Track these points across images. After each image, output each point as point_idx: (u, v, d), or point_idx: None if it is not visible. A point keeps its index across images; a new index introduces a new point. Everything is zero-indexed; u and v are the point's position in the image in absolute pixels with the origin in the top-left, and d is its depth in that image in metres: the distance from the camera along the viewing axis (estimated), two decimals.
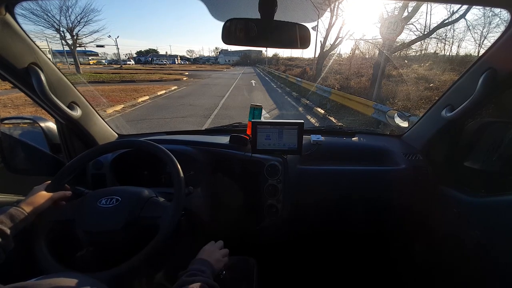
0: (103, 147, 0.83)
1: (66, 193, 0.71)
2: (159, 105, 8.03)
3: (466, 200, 0.99)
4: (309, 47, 0.81)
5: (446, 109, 1.01)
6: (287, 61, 39.29)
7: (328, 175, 1.18)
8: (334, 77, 12.20)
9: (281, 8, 0.69)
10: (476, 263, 0.96)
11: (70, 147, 1.06)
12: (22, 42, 0.74)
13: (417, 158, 1.18)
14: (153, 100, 8.97)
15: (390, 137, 1.42)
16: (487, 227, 0.90)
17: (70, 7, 20.42)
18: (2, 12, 0.66)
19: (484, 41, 13.25)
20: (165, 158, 0.77)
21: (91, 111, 1.08)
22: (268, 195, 1.14)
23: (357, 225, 1.30)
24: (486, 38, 13.14)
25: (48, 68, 0.83)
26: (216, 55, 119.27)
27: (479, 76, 0.83)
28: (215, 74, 26.45)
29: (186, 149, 1.12)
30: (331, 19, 12.36)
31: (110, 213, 0.66)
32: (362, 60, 14.69)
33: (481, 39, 13.38)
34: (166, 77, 18.40)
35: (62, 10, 18.06)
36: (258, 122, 1.10)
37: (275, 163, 1.12)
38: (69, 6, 18.33)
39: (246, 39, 0.74)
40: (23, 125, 1.13)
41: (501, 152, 0.96)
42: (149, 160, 1.10)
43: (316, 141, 1.25)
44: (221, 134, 1.34)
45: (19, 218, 0.57)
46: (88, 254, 0.72)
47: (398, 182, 1.16)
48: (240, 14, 0.73)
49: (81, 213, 0.67)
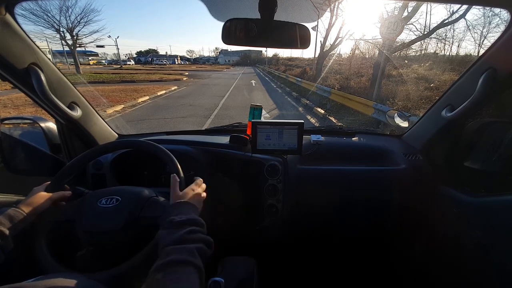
0: (103, 147, 0.83)
1: (66, 193, 0.70)
2: (159, 105, 8.04)
3: (466, 200, 0.99)
4: (309, 47, 0.81)
5: (446, 109, 1.01)
6: (287, 61, 39.31)
7: (328, 175, 1.18)
8: (334, 77, 12.20)
9: (281, 8, 0.69)
10: (476, 263, 0.95)
11: (70, 147, 1.06)
12: (22, 42, 0.74)
13: (417, 158, 1.18)
14: (153, 101, 8.98)
15: (390, 137, 1.42)
16: (487, 227, 0.90)
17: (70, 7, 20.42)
18: (2, 12, 0.66)
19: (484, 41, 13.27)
20: (165, 158, 0.77)
21: (91, 111, 1.08)
22: (268, 195, 1.14)
23: (357, 225, 1.30)
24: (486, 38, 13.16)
25: (48, 68, 0.83)
26: (216, 55, 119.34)
27: (479, 76, 0.83)
28: (215, 74, 26.47)
29: (186, 149, 1.12)
30: (331, 19, 12.40)
31: (110, 213, 0.66)
32: (362, 60, 14.72)
33: (481, 39, 13.40)
34: (166, 77, 18.42)
35: (62, 10, 18.10)
36: (258, 122, 1.10)
37: (275, 163, 1.12)
38: (69, 6, 18.35)
39: (246, 39, 0.74)
40: (23, 125, 1.13)
41: (501, 152, 0.96)
42: (149, 160, 1.10)
43: (316, 141, 1.25)
44: (221, 134, 1.34)
45: (18, 219, 0.57)
46: (88, 254, 0.72)
47: (398, 182, 1.16)
48: (240, 14, 0.73)
49: (81, 213, 0.66)
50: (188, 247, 0.49)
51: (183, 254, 0.47)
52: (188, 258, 0.46)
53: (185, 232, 0.52)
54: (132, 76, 17.91)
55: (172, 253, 0.47)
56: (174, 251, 0.48)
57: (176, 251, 0.47)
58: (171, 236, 0.52)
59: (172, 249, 0.48)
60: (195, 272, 0.45)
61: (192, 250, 0.49)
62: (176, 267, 0.45)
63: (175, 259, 0.45)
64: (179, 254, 0.47)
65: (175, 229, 0.53)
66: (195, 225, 0.56)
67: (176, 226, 0.54)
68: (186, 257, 0.46)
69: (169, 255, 0.46)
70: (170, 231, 0.53)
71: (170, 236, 0.52)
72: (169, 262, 0.45)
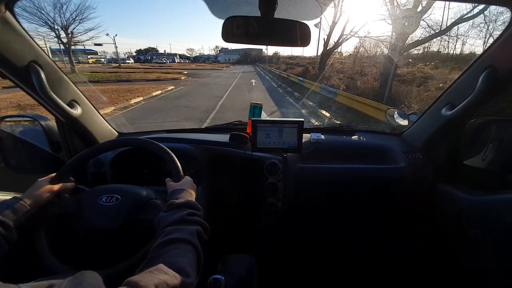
0: (103, 145, 0.83)
1: (68, 185, 0.71)
2: (152, 107, 7.75)
3: (465, 198, 1.00)
4: (310, 45, 0.81)
5: (446, 107, 1.01)
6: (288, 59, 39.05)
7: (328, 174, 1.18)
8: (337, 76, 11.85)
9: (281, 5, 0.69)
10: (475, 261, 0.96)
11: (70, 146, 1.06)
12: (22, 40, 0.74)
13: (417, 156, 1.19)
14: (147, 102, 8.67)
15: (390, 135, 1.42)
16: (486, 225, 0.91)
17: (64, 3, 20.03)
18: (1, 10, 0.65)
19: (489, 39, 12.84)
20: (165, 157, 0.77)
21: (91, 109, 1.08)
22: (268, 193, 1.14)
23: (357, 222, 1.30)
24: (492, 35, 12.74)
25: (48, 66, 0.83)
26: (216, 54, 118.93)
27: (479, 74, 0.82)
28: (214, 73, 26.07)
29: (186, 147, 1.12)
30: (335, 15, 11.94)
31: (109, 211, 0.66)
32: (365, 58, 14.20)
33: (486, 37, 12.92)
34: (163, 76, 17.96)
35: (56, 7, 17.81)
36: (258, 120, 1.10)
37: (275, 162, 1.12)
38: (63, 3, 18.02)
39: (246, 37, 0.74)
40: (23, 123, 1.13)
41: (501, 150, 0.96)
42: (149, 158, 1.10)
43: (316, 139, 1.26)
44: (221, 132, 1.34)
45: (22, 211, 0.58)
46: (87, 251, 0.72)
47: (398, 180, 1.16)
48: (240, 12, 0.73)
49: (82, 208, 0.67)
50: (188, 228, 0.52)
51: (183, 234, 0.50)
52: (188, 237, 0.49)
53: (185, 214, 0.55)
54: (128, 75, 17.33)
55: (173, 232, 0.50)
56: (175, 231, 0.50)
57: (177, 231, 0.50)
58: (172, 216, 0.55)
59: (173, 229, 0.51)
60: (194, 251, 0.48)
61: (192, 231, 0.52)
62: (177, 244, 0.47)
63: (176, 237, 0.48)
64: (179, 233, 0.49)
65: (174, 211, 0.57)
66: (193, 208, 0.59)
67: (176, 208, 0.57)
68: (186, 237, 0.49)
69: (170, 234, 0.49)
70: (170, 213, 0.56)
71: (170, 217, 0.55)
72: (170, 240, 0.48)
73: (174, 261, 0.43)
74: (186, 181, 0.71)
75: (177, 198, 0.62)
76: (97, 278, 0.35)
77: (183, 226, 0.52)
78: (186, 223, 0.54)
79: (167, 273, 0.40)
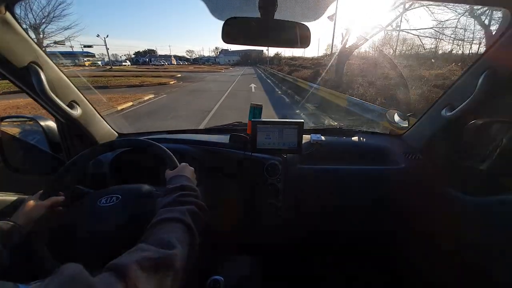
0: (103, 146, 0.83)
1: (58, 199, 0.69)
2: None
3: (465, 199, 1.00)
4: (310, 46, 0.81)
5: (446, 108, 1.02)
6: (290, 60, 38.34)
7: (328, 175, 1.18)
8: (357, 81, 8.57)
9: (281, 6, 0.69)
10: (476, 262, 0.96)
11: (70, 146, 1.06)
12: (22, 41, 0.74)
13: (417, 157, 1.19)
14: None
15: (390, 136, 1.42)
16: (486, 227, 0.91)
17: None
18: (2, 11, 0.65)
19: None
20: (155, 150, 0.77)
21: (91, 110, 1.08)
22: (268, 194, 1.14)
23: (357, 224, 1.30)
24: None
25: (48, 67, 0.83)
26: (216, 55, 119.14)
27: (479, 76, 0.83)
28: (210, 76, 23.76)
29: (186, 148, 1.12)
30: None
31: (110, 211, 0.66)
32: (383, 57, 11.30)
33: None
34: (149, 81, 15.21)
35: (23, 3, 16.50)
36: (258, 121, 1.10)
37: (275, 162, 1.12)
38: None
39: (246, 38, 0.74)
40: (23, 124, 1.13)
41: (501, 152, 0.96)
42: (150, 159, 1.10)
43: (316, 140, 1.25)
44: (221, 133, 1.34)
45: (11, 231, 0.56)
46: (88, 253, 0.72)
47: (398, 181, 1.16)
48: (240, 13, 0.73)
49: (82, 217, 0.66)
50: (179, 208, 0.54)
51: (173, 214, 0.51)
52: (177, 216, 0.51)
53: (176, 196, 0.58)
54: (108, 81, 14.47)
55: (164, 213, 0.52)
56: (165, 212, 0.52)
57: (167, 212, 0.52)
58: (165, 199, 0.57)
59: (164, 210, 0.53)
60: (184, 227, 0.49)
61: (183, 210, 0.53)
62: (165, 223, 0.49)
63: (165, 217, 0.50)
64: (169, 214, 0.51)
65: (168, 194, 0.59)
66: (186, 189, 0.61)
67: (170, 192, 0.60)
68: (176, 215, 0.51)
69: (159, 215, 0.51)
70: (165, 198, 0.59)
71: (164, 200, 0.57)
72: (160, 220, 0.49)
73: (159, 238, 0.44)
74: (182, 167, 0.74)
75: (172, 183, 0.64)
76: (78, 266, 0.35)
77: (173, 207, 0.54)
78: (177, 204, 0.55)
79: (148, 250, 0.40)
